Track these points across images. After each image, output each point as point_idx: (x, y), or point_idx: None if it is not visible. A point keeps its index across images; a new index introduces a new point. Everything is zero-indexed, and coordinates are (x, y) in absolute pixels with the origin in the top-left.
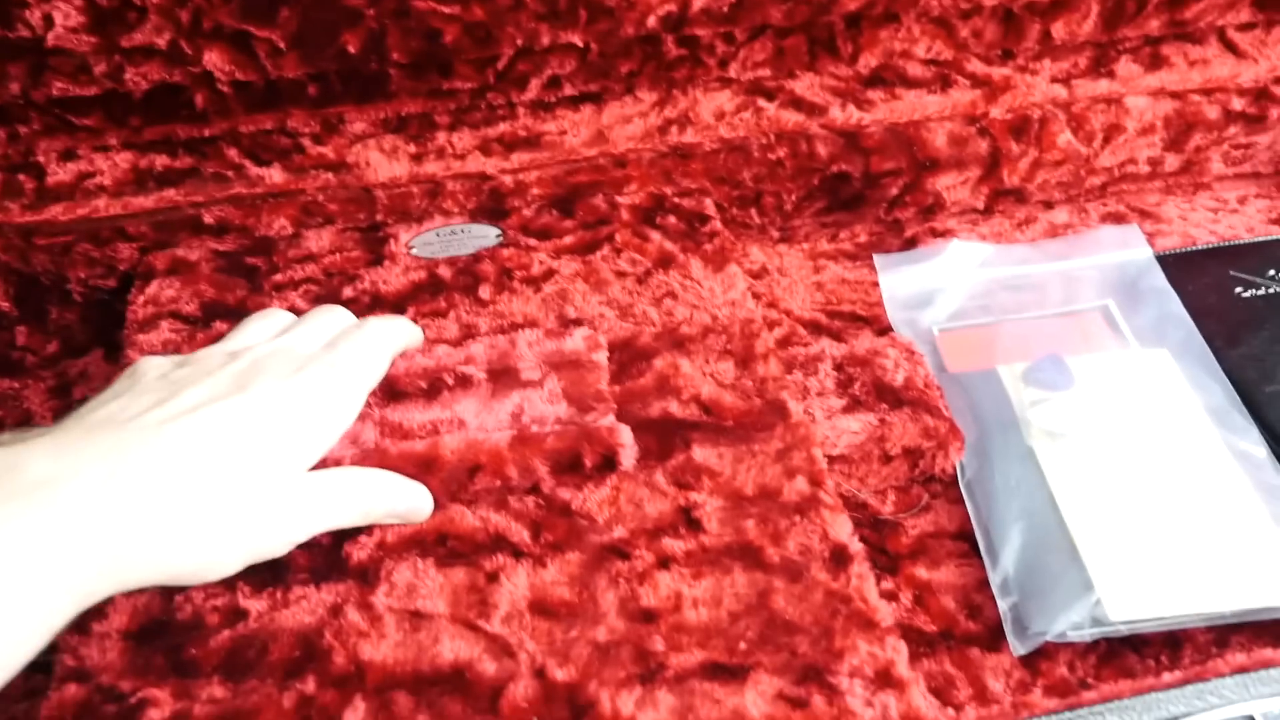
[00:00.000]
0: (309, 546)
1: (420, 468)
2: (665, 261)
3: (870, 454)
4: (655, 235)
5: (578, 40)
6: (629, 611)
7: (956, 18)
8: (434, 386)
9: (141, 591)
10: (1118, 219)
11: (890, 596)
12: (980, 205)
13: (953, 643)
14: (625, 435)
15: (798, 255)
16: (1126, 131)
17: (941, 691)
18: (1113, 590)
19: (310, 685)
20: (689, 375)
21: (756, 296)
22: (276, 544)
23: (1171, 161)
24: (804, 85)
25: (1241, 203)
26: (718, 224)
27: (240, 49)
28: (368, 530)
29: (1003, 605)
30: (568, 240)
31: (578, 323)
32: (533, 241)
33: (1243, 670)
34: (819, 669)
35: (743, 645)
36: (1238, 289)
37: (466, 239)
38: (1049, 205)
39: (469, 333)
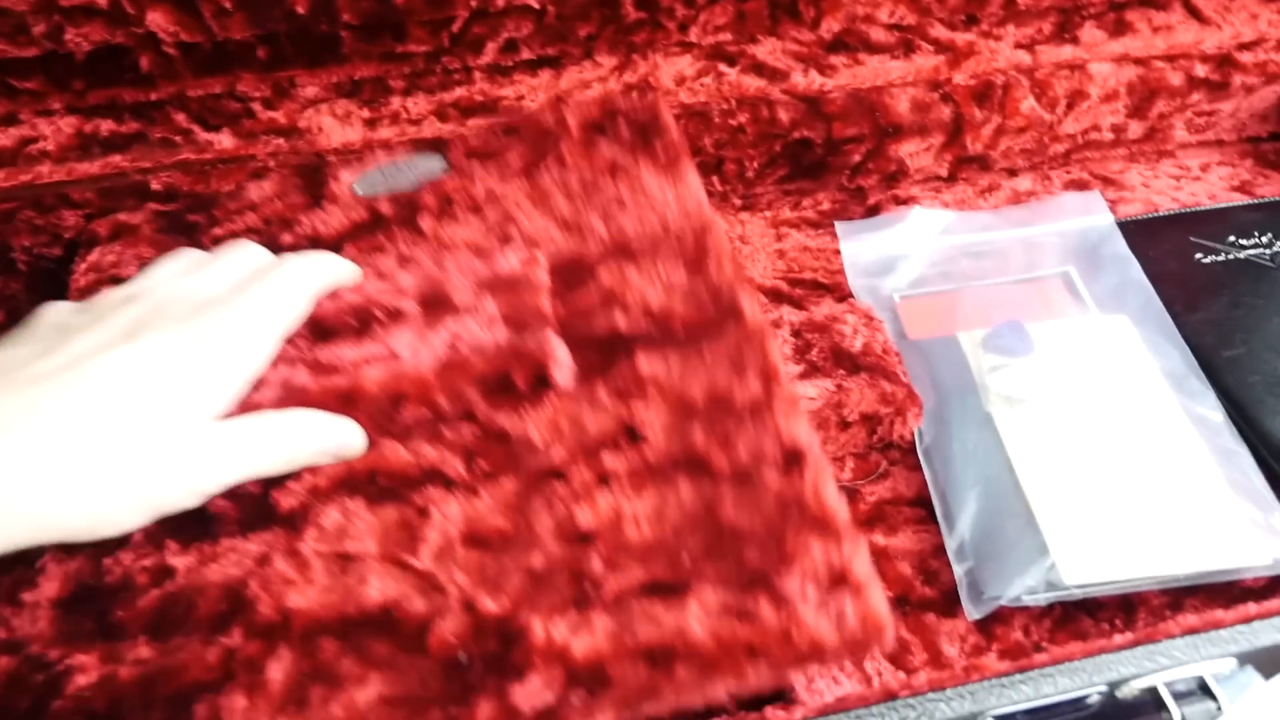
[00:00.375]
0: (237, 497)
1: (343, 403)
2: (613, 170)
3: (828, 420)
4: (604, 145)
5: (534, 2)
6: (565, 534)
7: None
8: (364, 322)
9: (73, 557)
10: (1081, 186)
11: None
12: (944, 172)
13: (908, 608)
14: (558, 350)
15: (760, 223)
16: (1090, 98)
17: (897, 657)
18: (1067, 554)
19: (235, 638)
20: (637, 286)
21: None
22: (180, 495)
23: (1135, 128)
24: (766, 50)
25: (1204, 170)
26: (672, 132)
27: (185, 9)
28: (297, 475)
29: (958, 570)
30: (512, 159)
31: (516, 242)
32: (476, 166)
33: (1193, 632)
34: (767, 577)
35: (686, 560)
36: (1198, 255)
37: (410, 172)
38: (1013, 172)
39: (406, 264)
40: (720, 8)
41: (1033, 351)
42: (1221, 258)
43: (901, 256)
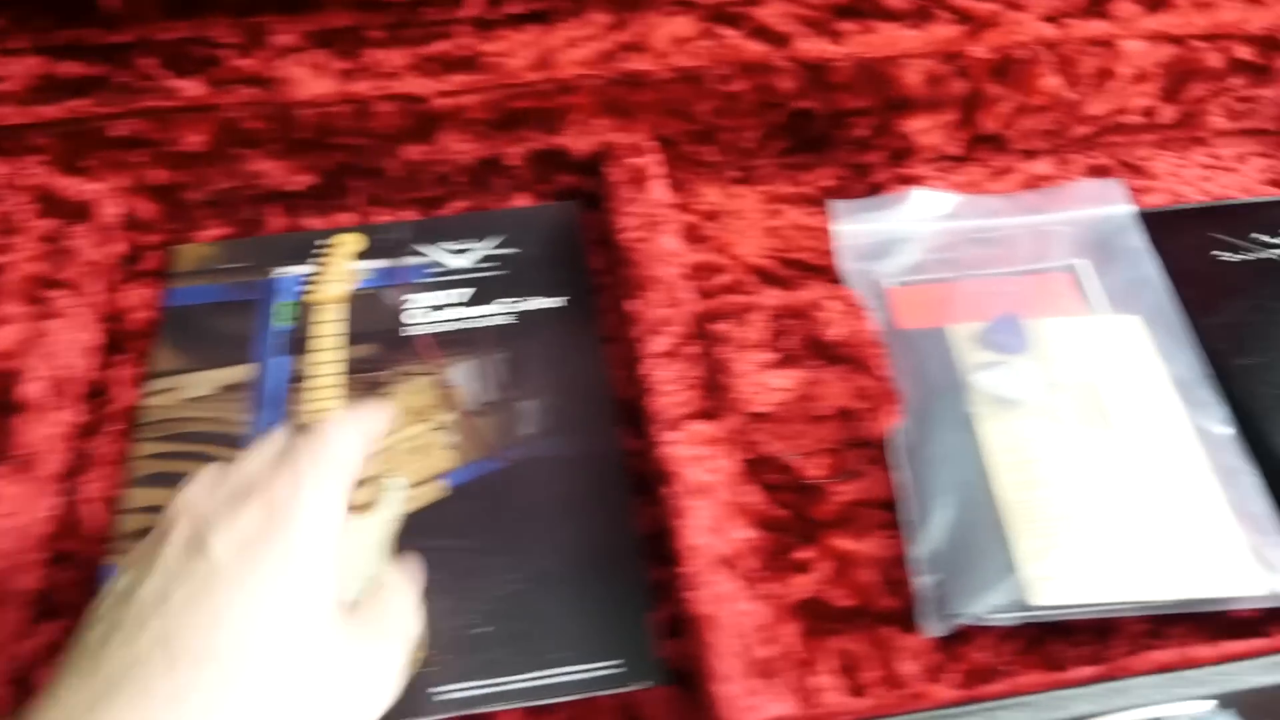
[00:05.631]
0: None
1: None
2: None
3: (799, 413)
4: None
5: None
6: None
7: None
8: None
9: None
10: (1103, 172)
11: (807, 567)
12: (956, 152)
13: (868, 620)
14: None
15: (755, 198)
16: (1118, 78)
17: (850, 669)
18: (1038, 573)
19: None
20: None
21: (704, 240)
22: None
23: (1167, 112)
24: (771, 12)
25: (1240, 161)
26: None
27: None
28: None
29: (923, 582)
30: None
31: None
32: None
33: (1168, 668)
34: None
35: None
36: (1219, 253)
37: None
38: (1031, 155)
39: None
40: None
41: (1025, 350)
42: (1245, 256)
43: (899, 241)
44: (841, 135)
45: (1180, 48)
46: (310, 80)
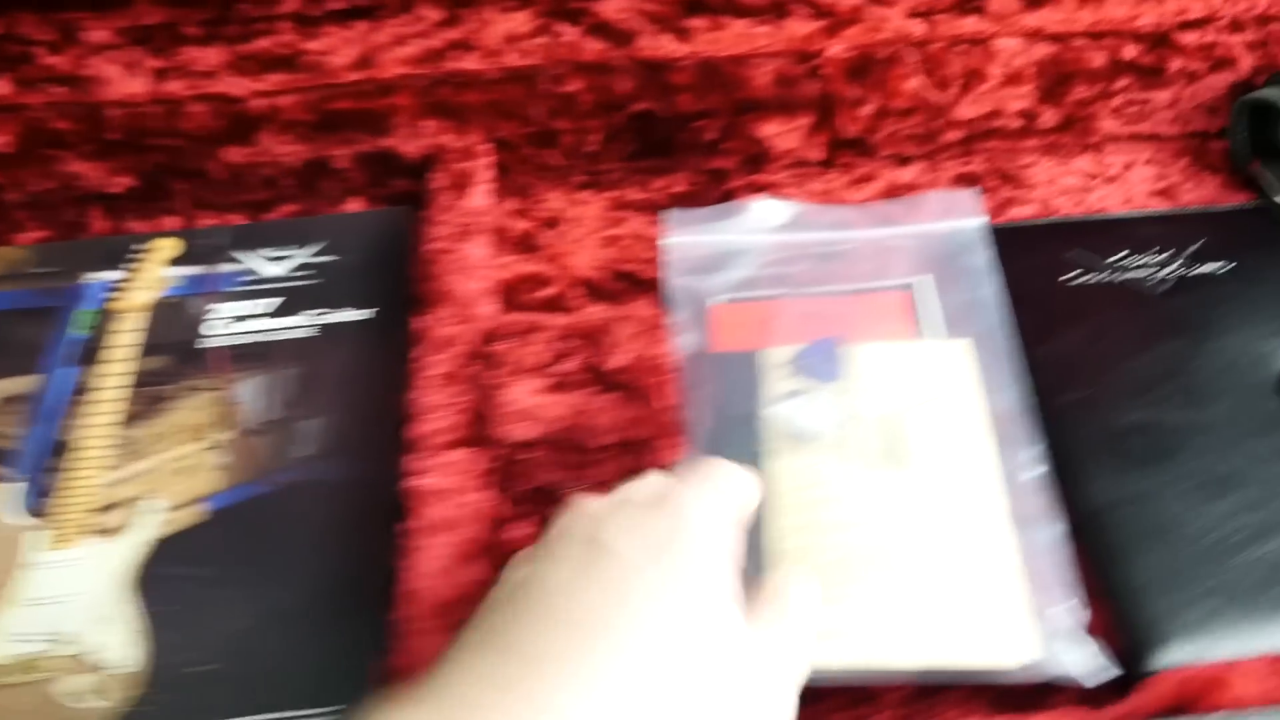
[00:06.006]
0: None
1: None
2: None
3: (575, 444)
4: None
5: None
6: None
7: None
8: None
9: None
10: (975, 180)
11: None
12: (817, 157)
13: None
14: None
15: (601, 205)
16: (989, 78)
17: None
18: None
19: None
20: None
21: (537, 249)
22: None
23: (1049, 116)
24: (615, 8)
25: (1127, 169)
26: None
27: None
28: None
29: None
30: None
31: None
32: None
33: None
34: None
35: None
36: (1072, 273)
37: None
38: (903, 161)
39: None
40: None
41: (838, 378)
42: (1100, 277)
43: (733, 254)
44: (688, 139)
45: (1059, 46)
46: (122, 79)
